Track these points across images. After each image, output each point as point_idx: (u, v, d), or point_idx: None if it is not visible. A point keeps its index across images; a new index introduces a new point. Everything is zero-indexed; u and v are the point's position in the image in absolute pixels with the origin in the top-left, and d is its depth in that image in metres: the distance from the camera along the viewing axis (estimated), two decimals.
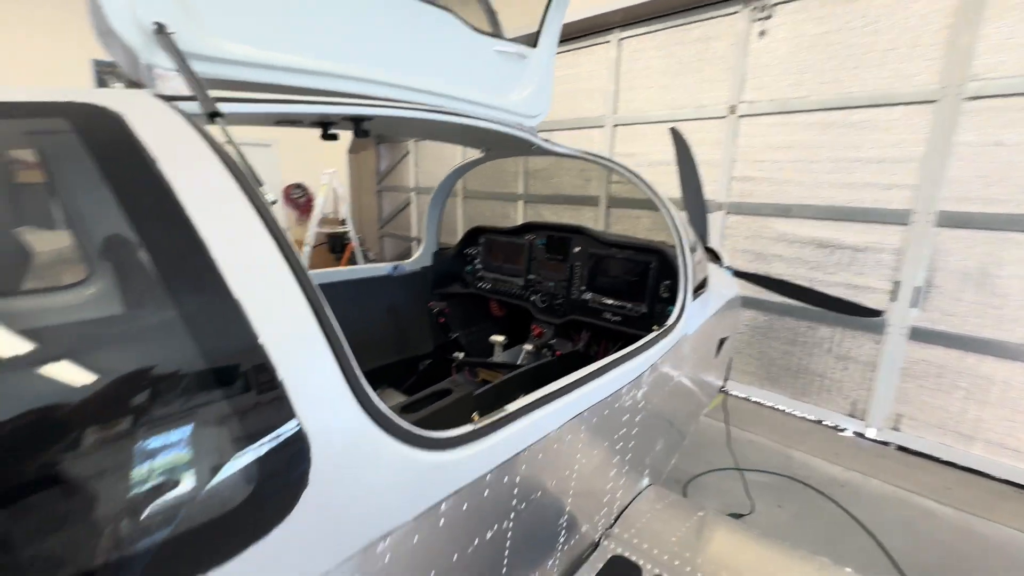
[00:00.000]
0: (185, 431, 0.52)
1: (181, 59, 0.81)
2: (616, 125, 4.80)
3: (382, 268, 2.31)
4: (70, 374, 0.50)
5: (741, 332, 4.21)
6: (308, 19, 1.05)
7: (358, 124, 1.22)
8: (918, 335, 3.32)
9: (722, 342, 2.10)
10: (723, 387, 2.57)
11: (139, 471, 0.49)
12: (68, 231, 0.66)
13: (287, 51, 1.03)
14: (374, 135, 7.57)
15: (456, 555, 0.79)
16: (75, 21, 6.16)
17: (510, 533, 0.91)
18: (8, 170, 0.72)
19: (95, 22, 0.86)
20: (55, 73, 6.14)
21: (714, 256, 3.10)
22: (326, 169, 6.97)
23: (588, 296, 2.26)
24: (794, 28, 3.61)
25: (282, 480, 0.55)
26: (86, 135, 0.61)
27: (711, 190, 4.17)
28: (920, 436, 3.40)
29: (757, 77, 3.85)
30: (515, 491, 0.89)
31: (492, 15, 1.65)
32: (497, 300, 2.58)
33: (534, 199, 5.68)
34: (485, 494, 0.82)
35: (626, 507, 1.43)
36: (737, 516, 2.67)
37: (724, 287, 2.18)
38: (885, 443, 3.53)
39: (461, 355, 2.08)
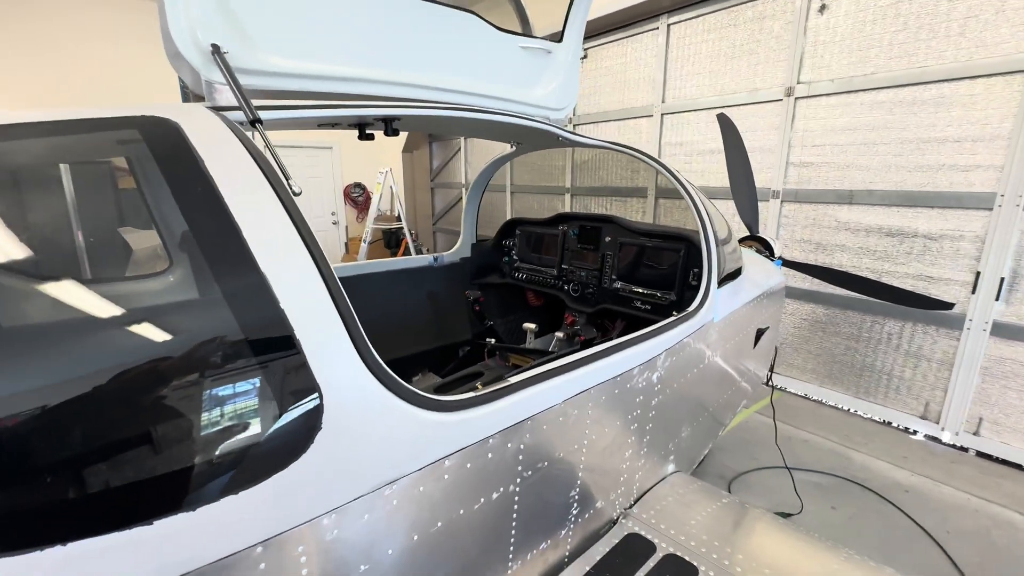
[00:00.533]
0: (231, 381, 0.65)
1: (229, 74, 0.95)
2: (664, 114, 4.69)
3: (423, 259, 2.45)
4: (159, 339, 0.65)
5: (798, 327, 4.00)
6: (342, 30, 1.16)
7: (388, 124, 1.34)
8: (1002, 331, 3.00)
9: (761, 333, 2.03)
10: (768, 381, 2.48)
11: (195, 413, 0.63)
12: (134, 222, 0.82)
13: (324, 61, 1.15)
14: (426, 133, 7.84)
15: (462, 510, 0.88)
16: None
17: (517, 497, 0.98)
18: (98, 171, 0.89)
19: (166, 47, 1.02)
20: (148, 86, 6.89)
21: (765, 245, 2.98)
22: (381, 168, 7.33)
23: (619, 285, 2.27)
24: (858, 1, 3.36)
25: (300, 423, 0.66)
26: (151, 142, 0.76)
27: (766, 177, 3.98)
28: (1005, 442, 3.09)
29: (816, 56, 3.62)
30: (520, 457, 0.96)
31: (522, 14, 1.71)
32: (532, 290, 2.64)
33: (581, 192, 5.67)
34: (488, 456, 0.89)
35: (647, 490, 1.46)
36: (784, 516, 2.57)
37: (763, 276, 2.11)
38: (963, 448, 3.23)
39: (493, 341, 2.17)
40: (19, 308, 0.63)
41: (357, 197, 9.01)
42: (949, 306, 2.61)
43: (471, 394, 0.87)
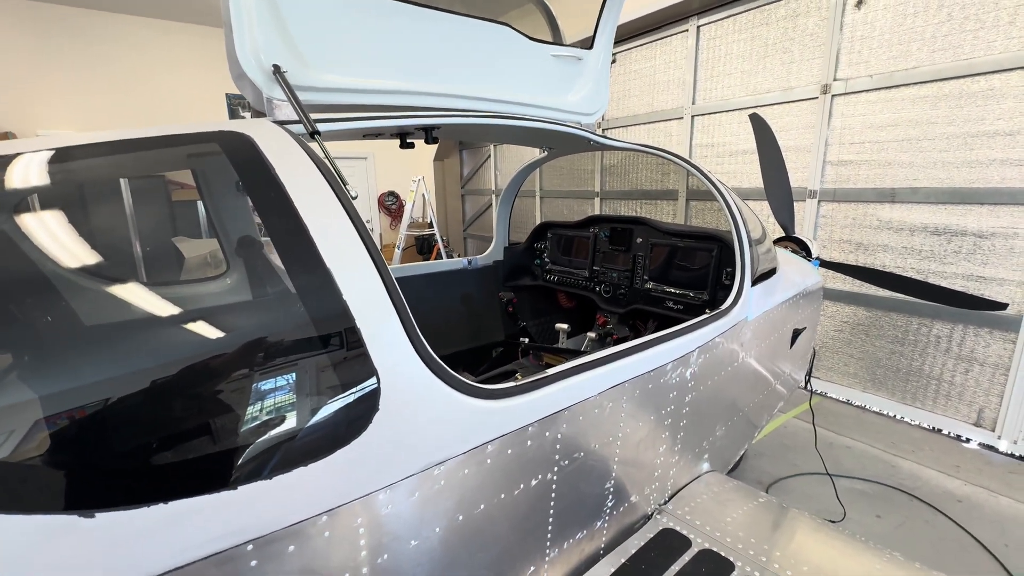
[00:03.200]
0: (303, 367, 0.73)
1: (289, 91, 1.04)
2: (695, 116, 4.65)
3: (458, 262, 2.53)
4: (237, 331, 0.74)
5: (839, 329, 3.87)
6: (386, 47, 1.25)
7: (428, 132, 1.41)
8: None
9: (797, 333, 2.00)
10: (806, 384, 2.43)
11: (276, 394, 0.71)
12: (224, 223, 0.93)
13: (370, 76, 1.24)
14: (456, 141, 8.00)
15: (503, 494, 0.92)
16: (214, 64, 7.31)
17: (554, 486, 1.02)
18: (207, 175, 1.04)
19: (231, 67, 1.12)
20: (199, 104, 7.33)
21: (801, 246, 2.92)
22: (414, 176, 7.52)
23: (650, 285, 2.28)
24: None
25: (361, 404, 0.73)
26: (231, 153, 0.85)
27: (801, 177, 3.90)
28: None
29: (854, 52, 3.53)
30: (557, 446, 1.00)
31: (553, 23, 1.77)
32: (564, 291, 2.68)
33: (611, 195, 5.67)
34: (528, 444, 0.94)
35: (682, 487, 1.46)
36: None
37: (800, 276, 2.08)
38: (1022, 458, 3.05)
39: (526, 341, 2.21)
40: (148, 300, 0.75)
41: (391, 205, 9.26)
42: (1003, 306, 2.49)
43: (512, 383, 0.92)
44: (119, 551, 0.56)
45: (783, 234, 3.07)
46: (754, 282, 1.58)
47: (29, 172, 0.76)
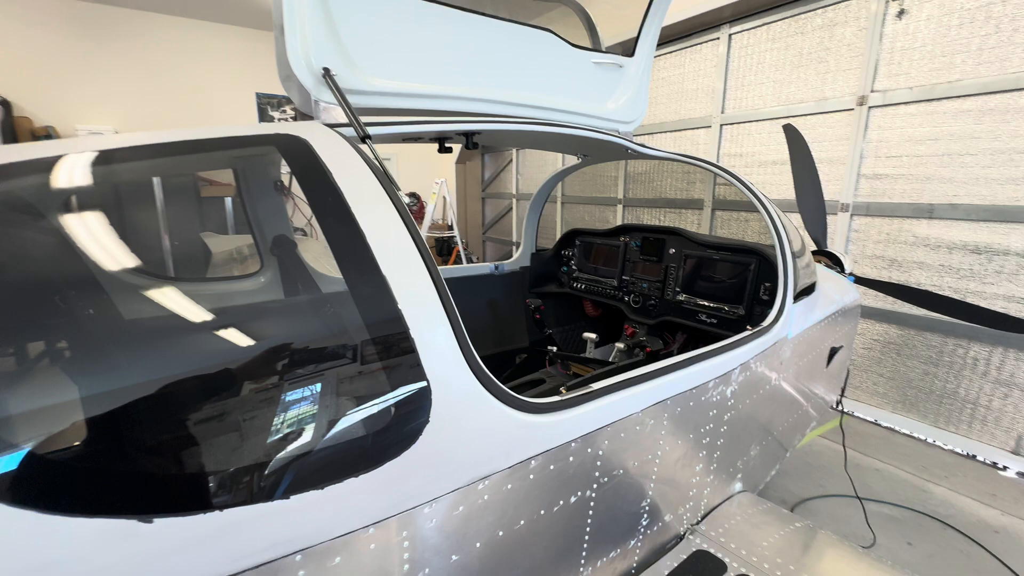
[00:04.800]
0: (356, 374, 0.72)
1: (340, 94, 1.04)
2: (724, 125, 4.59)
3: (485, 267, 2.52)
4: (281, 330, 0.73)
5: (868, 347, 3.76)
6: (432, 52, 1.25)
7: (468, 137, 1.41)
8: None
9: (834, 352, 1.94)
10: (839, 404, 2.35)
11: (330, 403, 0.70)
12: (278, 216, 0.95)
13: (416, 80, 1.24)
14: (480, 145, 8.03)
15: (543, 511, 0.90)
16: (244, 64, 7.46)
17: (592, 504, 1.00)
18: (248, 175, 1.05)
19: (280, 69, 1.13)
20: (229, 102, 7.48)
21: (834, 261, 2.84)
22: (436, 178, 7.56)
23: (682, 297, 2.24)
24: (942, 4, 3.18)
25: (413, 415, 0.72)
26: (289, 154, 0.85)
27: (834, 190, 3.81)
28: None
29: (893, 63, 3.44)
30: (598, 463, 0.98)
31: (593, 30, 1.75)
32: (591, 300, 2.65)
33: (634, 203, 5.62)
34: (570, 460, 0.92)
35: (715, 508, 1.42)
36: None
37: (837, 293, 2.01)
38: None
39: (555, 349, 2.19)
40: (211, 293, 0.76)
41: (412, 206, 9.31)
42: None
43: (557, 398, 0.90)
44: (175, 557, 0.55)
45: (815, 248, 2.99)
46: (795, 298, 1.54)
47: (109, 168, 0.77)
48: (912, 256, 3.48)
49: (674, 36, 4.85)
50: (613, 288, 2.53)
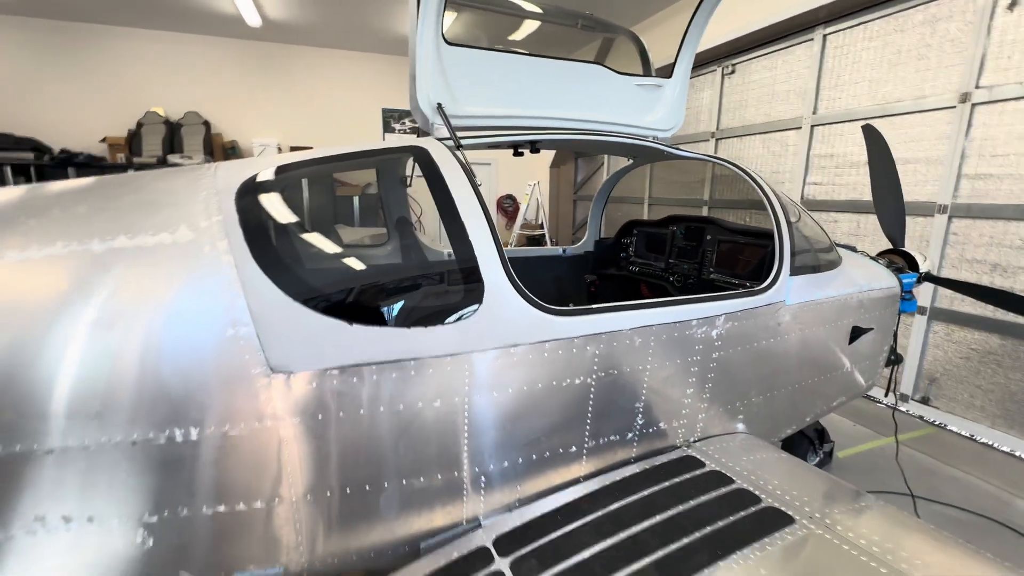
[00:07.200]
0: (454, 278, 1.29)
1: (446, 120, 1.62)
2: (815, 126, 4.55)
3: (555, 250, 3.06)
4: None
5: (965, 357, 3.56)
6: (509, 86, 1.78)
7: (533, 145, 1.92)
8: None
9: (859, 332, 2.09)
10: (886, 393, 2.43)
11: (438, 289, 1.28)
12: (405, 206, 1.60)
13: (497, 107, 1.78)
14: (574, 152, 8.51)
15: (554, 382, 1.35)
16: (372, 85, 8.77)
17: (592, 389, 1.41)
18: (390, 178, 1.72)
19: (411, 102, 1.73)
20: (360, 116, 8.85)
21: (908, 260, 2.86)
22: (530, 181, 8.18)
23: (715, 276, 2.58)
24: None
25: (474, 299, 1.25)
26: (419, 159, 1.44)
27: (930, 191, 3.68)
28: None
29: (1002, 58, 3.27)
30: (596, 360, 1.39)
31: (644, 55, 2.17)
32: (644, 280, 3.05)
33: (719, 204, 5.69)
34: (573, 351, 1.35)
35: (712, 436, 1.74)
36: None
37: (864, 279, 2.16)
38: None
39: None
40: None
41: (508, 207, 10.07)
42: None
43: (565, 308, 1.37)
44: (354, 345, 1.14)
45: (890, 247, 3.01)
46: (800, 272, 1.81)
47: (297, 176, 1.44)
48: (1018, 261, 3.26)
49: (766, 39, 4.90)
50: (661, 270, 2.90)
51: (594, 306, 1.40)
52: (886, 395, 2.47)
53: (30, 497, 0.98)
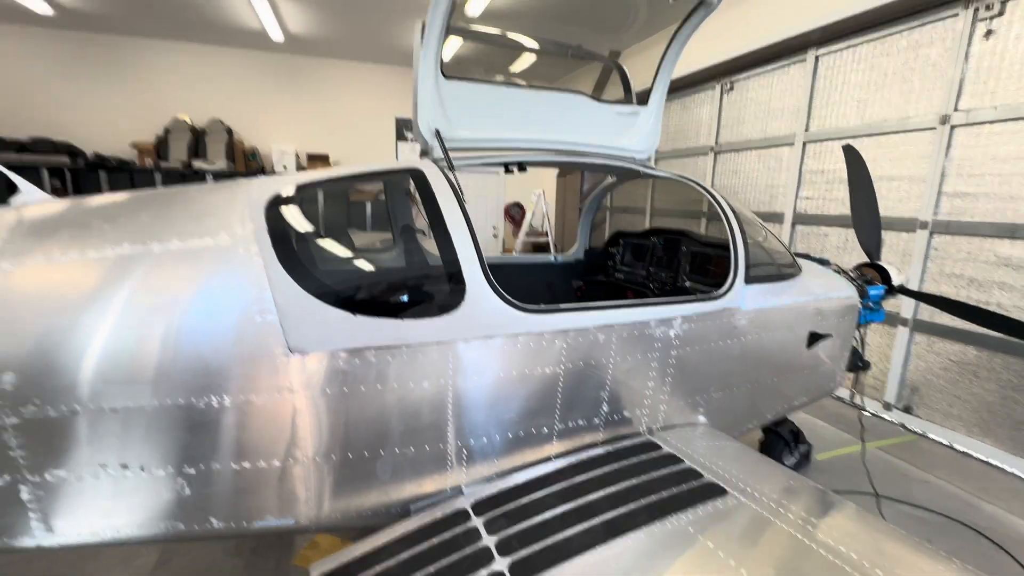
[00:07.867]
0: (442, 278, 1.54)
1: (442, 144, 1.86)
2: (807, 142, 4.74)
3: (547, 257, 3.28)
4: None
5: (944, 368, 3.70)
6: (499, 113, 2.02)
7: (521, 165, 2.16)
8: None
9: (817, 337, 2.27)
10: (852, 397, 2.61)
11: (425, 286, 1.54)
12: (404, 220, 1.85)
13: (488, 131, 2.03)
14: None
15: (527, 370, 1.57)
16: (385, 94, 9.12)
17: (561, 378, 1.62)
18: (396, 192, 1.98)
19: (415, 129, 1.98)
20: (374, 124, 9.20)
21: (881, 273, 3.03)
22: (535, 190, 8.44)
23: (688, 284, 2.81)
24: None
25: (457, 297, 1.48)
26: (415, 180, 1.68)
27: (912, 207, 3.85)
28: None
29: (979, 83, 3.44)
30: (563, 352, 1.60)
31: (626, 83, 2.40)
32: (628, 287, 3.27)
33: (718, 217, 5.87)
34: (543, 344, 1.57)
35: (673, 426, 1.95)
36: None
37: (822, 289, 2.36)
38: None
39: None
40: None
41: (515, 215, 10.33)
42: None
43: (535, 306, 1.59)
44: (358, 332, 1.38)
45: (866, 261, 3.19)
46: (756, 281, 2.02)
47: (315, 191, 1.69)
48: (993, 276, 3.42)
49: (762, 59, 5.10)
50: (643, 277, 3.13)
51: (562, 305, 1.63)
52: (851, 399, 2.63)
53: (96, 446, 1.23)
